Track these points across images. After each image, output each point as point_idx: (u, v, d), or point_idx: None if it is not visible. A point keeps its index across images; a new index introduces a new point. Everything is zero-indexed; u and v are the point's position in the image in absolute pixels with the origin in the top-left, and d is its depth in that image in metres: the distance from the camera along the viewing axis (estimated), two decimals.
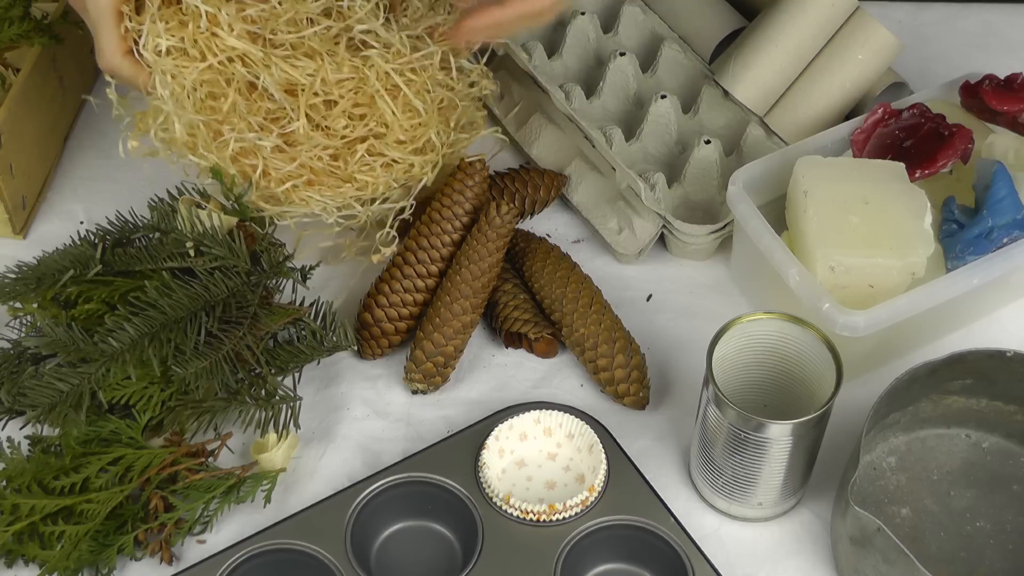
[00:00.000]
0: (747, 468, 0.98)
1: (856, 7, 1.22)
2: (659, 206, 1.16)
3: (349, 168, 1.08)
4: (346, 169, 1.08)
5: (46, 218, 1.24)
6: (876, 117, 1.15)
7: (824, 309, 1.02)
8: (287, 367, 1.06)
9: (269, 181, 1.07)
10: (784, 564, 1.02)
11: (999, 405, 1.05)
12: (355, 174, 1.08)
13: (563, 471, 1.06)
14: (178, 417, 1.03)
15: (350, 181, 1.08)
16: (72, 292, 1.07)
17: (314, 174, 1.08)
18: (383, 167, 1.09)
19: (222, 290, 1.05)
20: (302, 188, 1.08)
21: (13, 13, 1.21)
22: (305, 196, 1.08)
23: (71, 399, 1.01)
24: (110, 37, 1.04)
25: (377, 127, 1.08)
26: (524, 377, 1.13)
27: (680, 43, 1.30)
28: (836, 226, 1.05)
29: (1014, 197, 1.07)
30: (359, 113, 1.07)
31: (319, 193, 1.08)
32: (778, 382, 1.03)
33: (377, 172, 1.09)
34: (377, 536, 1.03)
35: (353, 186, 1.09)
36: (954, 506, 1.04)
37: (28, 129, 1.21)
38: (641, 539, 1.01)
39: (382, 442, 1.08)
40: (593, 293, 1.13)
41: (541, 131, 1.26)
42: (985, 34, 1.39)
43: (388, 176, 1.09)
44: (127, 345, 1.01)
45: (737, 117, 1.25)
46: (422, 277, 1.13)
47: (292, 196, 1.08)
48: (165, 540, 1.01)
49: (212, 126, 1.05)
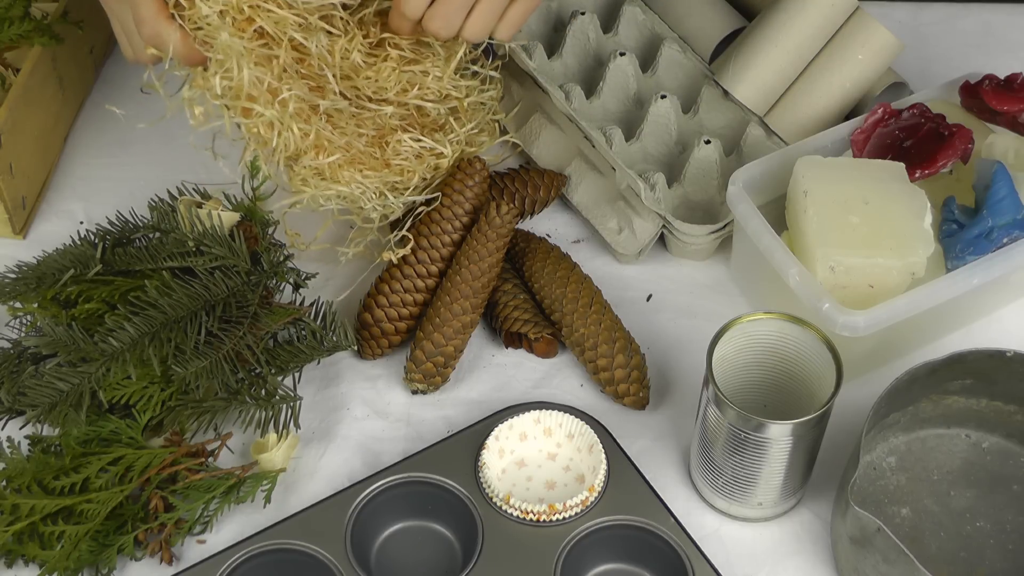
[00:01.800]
0: (747, 468, 0.98)
1: (856, 7, 1.22)
2: (659, 206, 1.16)
3: (386, 154, 1.10)
4: (383, 156, 1.10)
5: (46, 218, 1.24)
6: (876, 117, 1.15)
7: (824, 309, 1.02)
8: (287, 367, 1.06)
9: (318, 153, 1.07)
10: (784, 564, 1.02)
11: (999, 405, 1.05)
12: (390, 160, 1.11)
13: (563, 471, 1.06)
14: (178, 417, 1.03)
15: (387, 167, 1.10)
16: (72, 292, 1.07)
17: (357, 154, 1.09)
18: (416, 158, 1.12)
19: (222, 290, 1.05)
20: (346, 167, 1.09)
21: (13, 13, 1.21)
22: (348, 176, 1.09)
23: (71, 399, 1.01)
24: (151, 5, 1.01)
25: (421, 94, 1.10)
26: (524, 377, 1.12)
27: (680, 43, 1.30)
28: (836, 226, 1.05)
29: (1014, 197, 1.07)
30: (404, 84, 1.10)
31: (361, 174, 1.09)
32: (778, 382, 1.03)
33: (412, 161, 1.12)
34: (377, 536, 1.03)
35: (392, 171, 1.11)
36: (954, 506, 1.04)
37: (28, 129, 1.21)
38: (641, 539, 1.01)
39: (382, 442, 1.08)
40: (593, 293, 1.13)
41: (541, 131, 1.26)
42: (985, 34, 1.39)
43: (421, 166, 1.12)
44: (127, 345, 1.01)
45: (737, 117, 1.25)
46: (422, 277, 1.13)
47: (338, 174, 1.09)
48: (165, 540, 1.01)
49: (270, 86, 1.04)
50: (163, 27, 1.02)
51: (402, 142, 1.11)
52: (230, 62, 1.02)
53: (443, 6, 1.03)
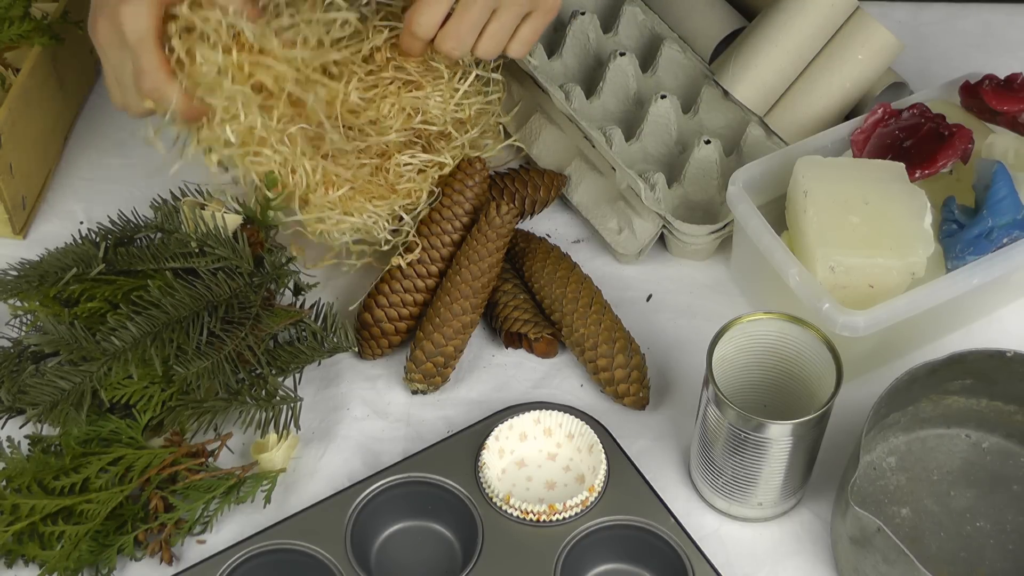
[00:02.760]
0: (747, 468, 0.98)
1: (856, 7, 1.22)
2: (659, 206, 1.16)
3: (390, 180, 1.11)
4: (388, 182, 1.11)
5: (46, 218, 1.24)
6: (876, 117, 1.15)
7: (824, 309, 1.02)
8: (288, 368, 1.06)
9: (328, 188, 1.08)
10: (784, 564, 1.02)
11: (999, 405, 1.05)
12: (395, 184, 1.11)
13: (563, 471, 1.06)
14: (178, 417, 1.03)
15: (394, 193, 1.11)
16: (75, 290, 1.07)
17: (364, 185, 1.10)
18: (419, 174, 1.13)
19: (225, 290, 1.05)
20: (356, 198, 1.09)
21: (13, 13, 1.21)
22: (359, 206, 1.09)
23: (72, 397, 1.01)
24: (153, 59, 0.99)
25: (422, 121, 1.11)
26: (524, 377, 1.13)
27: (680, 43, 1.30)
28: (836, 226, 1.05)
29: (1014, 197, 1.07)
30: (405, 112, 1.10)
31: (371, 203, 1.10)
32: (778, 382, 1.03)
33: (416, 180, 1.12)
34: (377, 536, 1.03)
35: (399, 195, 1.11)
36: (954, 506, 1.04)
37: (28, 129, 1.21)
38: (641, 539, 1.01)
39: (382, 442, 1.08)
40: (593, 293, 1.13)
41: (541, 131, 1.26)
42: (985, 34, 1.39)
43: (425, 182, 1.13)
44: (129, 344, 1.01)
45: (737, 117, 1.25)
46: (422, 277, 1.13)
47: (349, 206, 1.09)
48: (165, 540, 1.01)
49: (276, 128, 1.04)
50: (164, 82, 1.00)
51: (402, 164, 1.12)
52: (235, 108, 1.01)
53: (456, 25, 1.03)
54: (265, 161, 1.05)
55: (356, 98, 1.08)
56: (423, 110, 1.11)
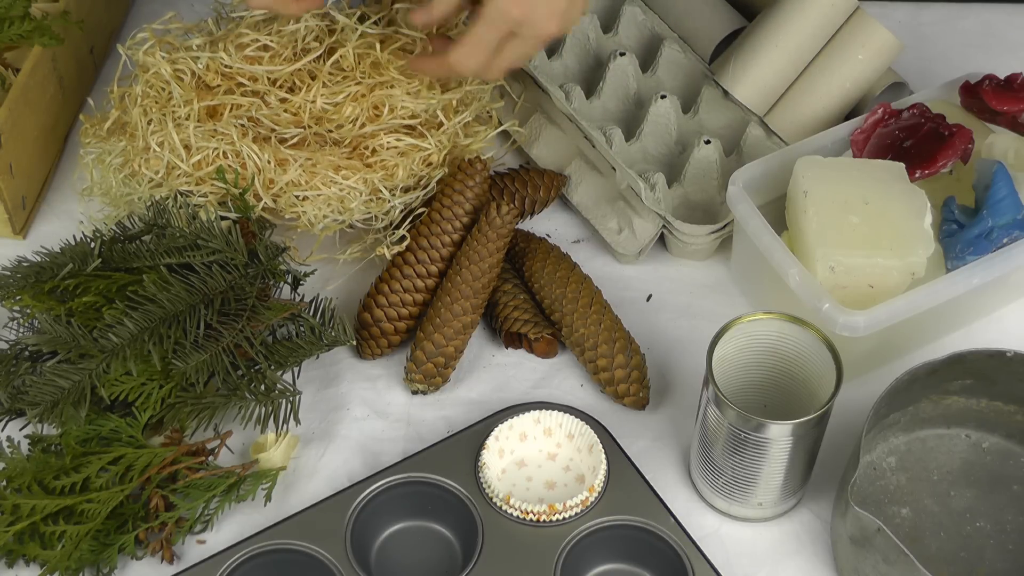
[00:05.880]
0: (747, 468, 0.98)
1: (856, 7, 1.22)
2: (659, 206, 1.16)
3: (365, 156, 1.12)
4: (362, 159, 1.13)
5: (46, 218, 1.24)
6: (876, 117, 1.15)
7: (824, 309, 1.02)
8: (286, 362, 1.06)
9: (283, 166, 1.11)
10: (784, 564, 1.02)
11: (999, 405, 1.05)
12: (369, 160, 1.12)
13: (563, 471, 1.06)
14: (178, 414, 1.03)
15: (367, 167, 1.12)
16: (69, 284, 1.07)
17: (321, 159, 1.12)
18: (401, 155, 1.13)
19: (220, 283, 1.05)
20: (320, 172, 1.11)
21: (13, 13, 1.21)
22: (323, 178, 1.10)
23: (72, 396, 1.01)
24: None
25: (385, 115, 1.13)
26: (524, 377, 1.13)
27: (680, 43, 1.30)
28: (836, 226, 1.05)
29: (1014, 197, 1.07)
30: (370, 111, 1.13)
31: (339, 174, 1.11)
32: (778, 382, 1.03)
33: (395, 157, 1.13)
34: (377, 536, 1.03)
35: (374, 169, 1.12)
36: (954, 506, 1.04)
37: (28, 129, 1.21)
38: (641, 539, 1.01)
39: (382, 442, 1.08)
40: (593, 293, 1.13)
41: (541, 131, 1.26)
42: (985, 34, 1.39)
43: (407, 162, 1.13)
44: (127, 340, 1.01)
45: (737, 117, 1.25)
46: (422, 277, 1.13)
47: (320, 185, 1.10)
48: (166, 539, 1.01)
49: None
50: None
51: (383, 146, 1.13)
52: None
53: (472, 47, 1.05)
54: (154, 159, 1.11)
55: (322, 104, 1.11)
56: (391, 106, 1.12)
